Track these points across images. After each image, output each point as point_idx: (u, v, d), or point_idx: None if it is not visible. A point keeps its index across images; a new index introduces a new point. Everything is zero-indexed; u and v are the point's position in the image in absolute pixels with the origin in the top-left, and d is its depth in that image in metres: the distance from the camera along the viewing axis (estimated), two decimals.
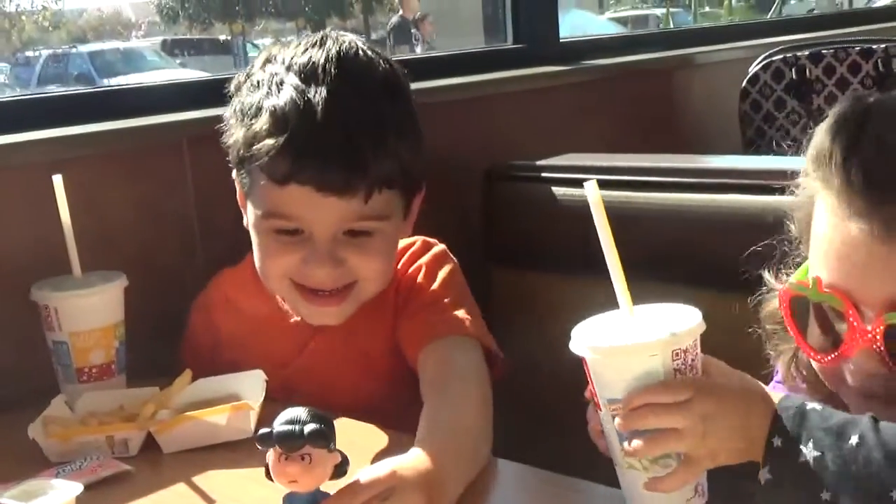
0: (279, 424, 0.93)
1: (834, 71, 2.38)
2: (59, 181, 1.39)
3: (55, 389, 1.40)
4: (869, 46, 2.38)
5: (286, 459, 0.93)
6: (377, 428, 1.28)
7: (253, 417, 1.28)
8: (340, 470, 0.96)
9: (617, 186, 1.58)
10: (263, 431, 0.94)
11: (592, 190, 0.95)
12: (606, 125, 2.29)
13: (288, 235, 1.37)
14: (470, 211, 1.70)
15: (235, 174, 1.43)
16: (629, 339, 0.94)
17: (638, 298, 0.98)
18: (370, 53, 1.41)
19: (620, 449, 0.95)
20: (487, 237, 1.52)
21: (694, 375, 0.95)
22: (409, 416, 1.23)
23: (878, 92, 1.04)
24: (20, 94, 4.47)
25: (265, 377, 1.35)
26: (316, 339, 1.48)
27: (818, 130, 1.02)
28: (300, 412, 0.94)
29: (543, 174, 1.75)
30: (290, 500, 0.96)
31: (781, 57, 2.41)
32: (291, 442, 0.93)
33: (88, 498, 1.10)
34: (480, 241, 1.53)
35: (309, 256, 1.36)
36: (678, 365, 0.93)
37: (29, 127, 1.59)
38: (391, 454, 1.10)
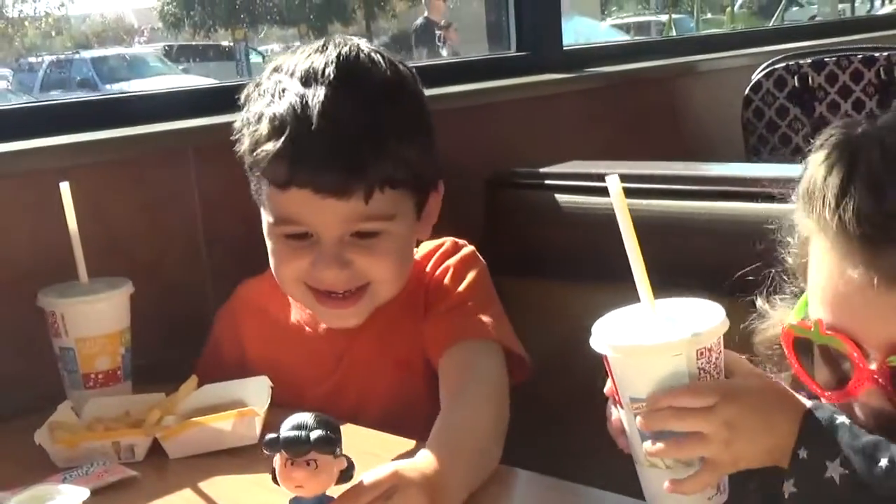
0: (285, 430, 0.94)
1: (836, 79, 2.38)
2: (66, 188, 1.39)
3: (61, 395, 1.41)
4: (871, 54, 2.39)
5: (292, 465, 0.94)
6: (401, 438, 1.27)
7: (258, 423, 1.28)
8: (346, 475, 0.97)
9: None
10: (270, 437, 0.94)
11: (614, 183, 0.94)
12: (609, 132, 2.29)
13: (297, 240, 1.38)
14: (472, 218, 1.70)
15: (252, 184, 1.43)
16: (653, 338, 0.92)
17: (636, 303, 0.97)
18: (373, 56, 1.41)
19: (642, 447, 0.94)
20: (490, 244, 1.52)
21: (718, 375, 0.94)
22: None
23: (867, 119, 1.00)
24: (27, 101, 4.49)
25: (270, 383, 1.36)
26: (352, 349, 1.46)
27: (810, 162, 0.99)
28: (306, 418, 0.94)
29: (546, 181, 1.75)
30: None
31: (784, 65, 2.41)
32: (298, 447, 0.93)
33: (95, 503, 1.10)
34: (483, 248, 1.53)
35: (317, 259, 1.36)
36: (702, 364, 0.92)
37: (36, 134, 1.60)
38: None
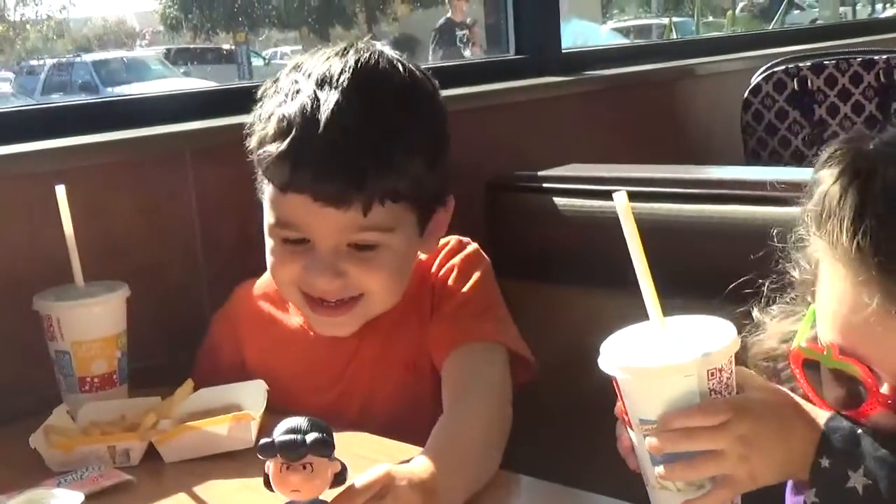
0: (280, 434, 0.94)
1: (836, 82, 2.38)
2: (61, 191, 1.39)
3: (57, 399, 1.40)
4: (871, 57, 2.38)
5: (287, 469, 0.93)
6: (403, 443, 1.26)
7: (254, 427, 1.28)
8: (340, 478, 0.97)
9: None
10: (265, 441, 0.94)
11: (622, 199, 0.92)
12: (609, 135, 2.29)
13: (295, 244, 1.36)
14: (472, 222, 1.69)
15: (257, 181, 1.42)
16: (662, 359, 0.91)
17: (639, 309, 0.96)
18: (394, 65, 1.38)
19: (653, 469, 0.92)
20: (490, 248, 1.51)
21: (730, 394, 0.92)
22: None
23: (877, 134, 0.97)
24: (23, 104, 4.48)
25: (266, 387, 1.36)
26: (359, 351, 1.44)
27: (821, 180, 0.96)
28: (300, 421, 0.94)
29: (546, 185, 1.75)
30: None
31: (783, 68, 2.41)
32: (294, 451, 0.93)
33: None
34: (483, 251, 1.53)
35: (310, 265, 1.35)
36: (713, 385, 0.90)
37: (32, 137, 1.59)
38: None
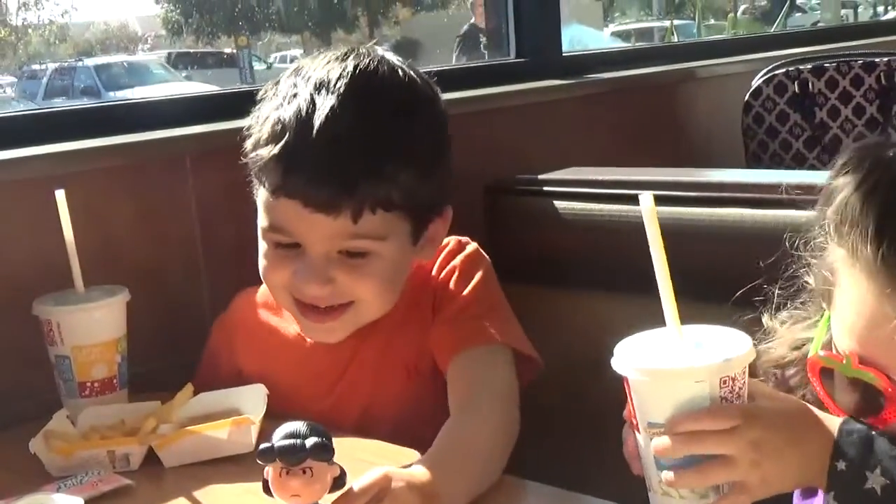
0: (279, 439, 0.93)
1: (837, 84, 2.38)
2: (61, 196, 1.39)
3: (57, 404, 1.40)
4: (871, 60, 2.38)
5: (287, 474, 0.93)
6: (404, 448, 1.25)
7: (254, 431, 1.28)
8: (339, 482, 0.97)
9: (620, 200, 1.58)
10: (265, 446, 0.94)
11: (647, 201, 0.91)
12: (609, 139, 2.29)
13: (286, 248, 1.36)
14: (472, 225, 1.69)
15: (253, 183, 1.41)
16: (675, 362, 0.90)
17: (640, 313, 0.96)
18: (395, 72, 1.37)
19: (657, 474, 0.91)
20: (490, 251, 1.51)
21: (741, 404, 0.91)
22: None
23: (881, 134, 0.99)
24: (23, 109, 4.47)
25: (266, 391, 1.35)
26: (358, 355, 1.44)
27: (840, 187, 0.95)
28: (299, 426, 0.94)
29: (546, 188, 1.75)
30: None
31: (784, 70, 2.41)
32: (294, 456, 0.93)
33: None
34: None
35: (299, 271, 1.34)
36: (725, 393, 0.90)
37: (31, 142, 1.59)
38: None
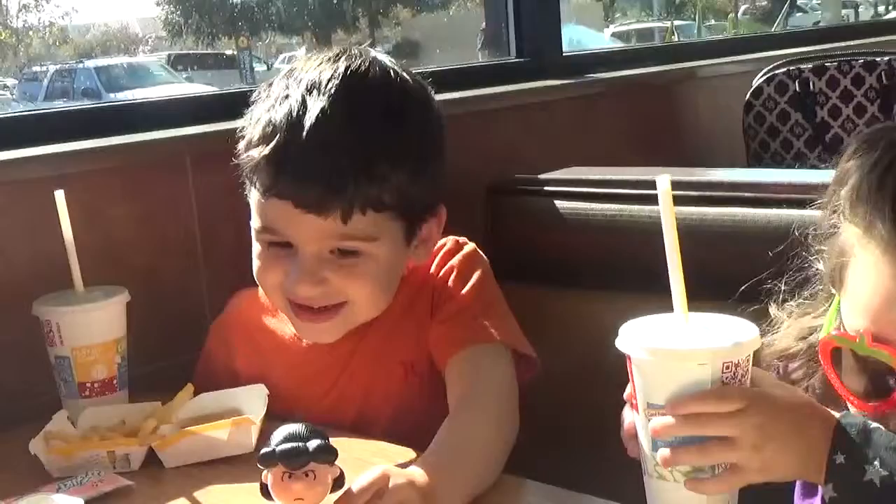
0: (279, 442, 0.93)
1: (838, 83, 2.38)
2: (60, 196, 1.38)
3: (57, 405, 1.40)
4: (872, 59, 2.38)
5: (289, 477, 0.92)
6: (402, 447, 1.25)
7: (254, 432, 1.27)
8: (339, 483, 0.96)
9: (620, 200, 1.58)
10: (265, 451, 0.93)
11: (664, 183, 0.92)
12: (610, 138, 2.29)
13: (279, 248, 1.35)
14: (472, 225, 1.69)
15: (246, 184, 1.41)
16: (680, 343, 0.91)
17: (640, 313, 0.96)
18: (387, 73, 1.37)
19: (653, 456, 0.91)
20: (490, 251, 1.51)
21: None
22: None
23: None
24: (22, 109, 4.48)
25: (266, 391, 1.35)
26: (356, 354, 1.43)
27: (854, 167, 0.97)
28: (298, 428, 0.93)
29: (547, 188, 1.74)
30: None
31: (785, 70, 2.41)
32: (297, 459, 0.92)
33: None
34: (483, 254, 1.53)
35: (292, 271, 1.34)
36: (727, 379, 0.90)
37: (31, 142, 1.59)
38: None
